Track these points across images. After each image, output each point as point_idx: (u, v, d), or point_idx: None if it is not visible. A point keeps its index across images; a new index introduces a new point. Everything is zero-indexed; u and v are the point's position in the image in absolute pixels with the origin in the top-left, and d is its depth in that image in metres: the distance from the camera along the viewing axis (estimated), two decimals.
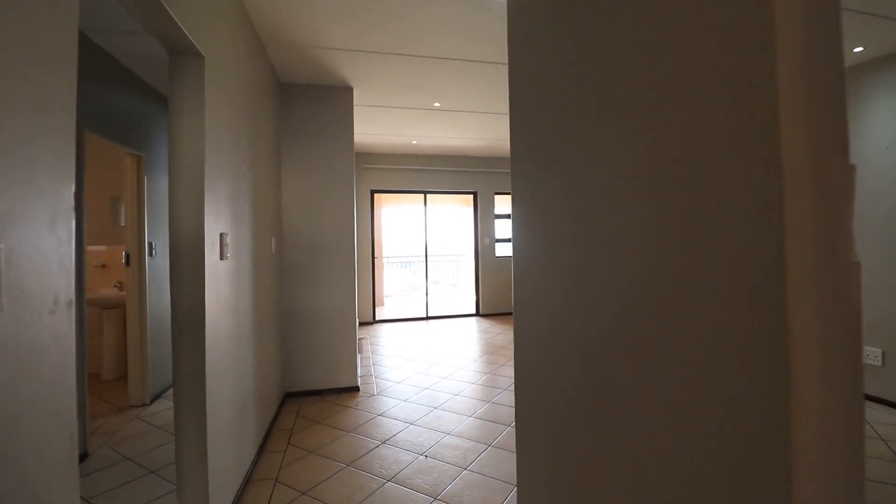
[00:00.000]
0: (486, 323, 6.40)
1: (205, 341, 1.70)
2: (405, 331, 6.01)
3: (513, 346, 4.64)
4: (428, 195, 6.85)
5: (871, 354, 3.30)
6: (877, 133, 3.26)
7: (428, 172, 6.69)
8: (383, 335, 5.76)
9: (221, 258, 1.91)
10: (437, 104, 4.18)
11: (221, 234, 1.91)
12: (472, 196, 7.06)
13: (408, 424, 2.92)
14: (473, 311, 7.04)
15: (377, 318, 6.72)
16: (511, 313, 6.30)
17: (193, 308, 1.69)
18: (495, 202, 7.02)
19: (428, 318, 6.84)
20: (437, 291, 9.89)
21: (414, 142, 5.81)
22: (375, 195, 7.61)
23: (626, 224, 0.70)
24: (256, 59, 2.65)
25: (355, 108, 4.15)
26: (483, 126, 5.05)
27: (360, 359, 4.29)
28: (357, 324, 4.22)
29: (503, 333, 5.65)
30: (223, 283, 1.94)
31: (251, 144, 2.49)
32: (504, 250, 7.30)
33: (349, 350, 3.60)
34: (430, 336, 5.64)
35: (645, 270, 0.67)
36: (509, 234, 7.40)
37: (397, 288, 9.96)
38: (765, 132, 0.48)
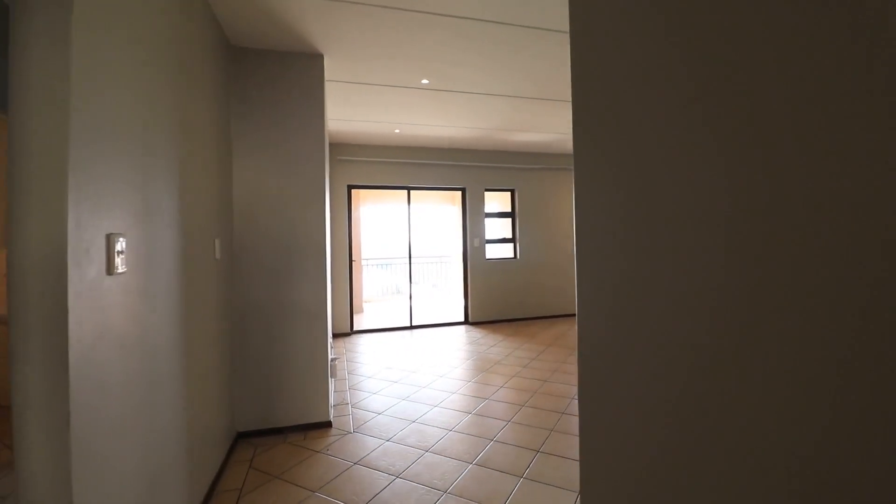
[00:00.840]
0: (476, 332, 5.80)
1: (68, 404, 1.04)
2: (387, 343, 5.36)
3: (508, 362, 4.00)
4: (412, 192, 6.22)
5: None
6: None
7: (412, 166, 6.06)
8: (362, 349, 5.10)
9: (109, 272, 1.25)
10: (424, 81, 3.56)
11: (109, 236, 1.25)
12: (459, 193, 6.46)
13: (394, 477, 2.29)
14: (462, 319, 6.44)
15: (355, 328, 6.04)
16: (505, 321, 5.63)
17: (46, 355, 1.04)
18: (485, 199, 6.43)
19: (412, 327, 6.20)
20: (420, 293, 9.26)
21: (397, 130, 5.17)
22: (353, 191, 6.95)
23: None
24: (187, 4, 1.98)
25: (327, 85, 3.50)
26: (476, 112, 4.46)
27: (334, 384, 3.64)
28: (330, 340, 3.56)
29: (497, 346, 5.07)
30: (115, 309, 1.28)
31: (179, 116, 1.82)
32: (496, 252, 6.74)
33: (319, 375, 2.94)
34: (415, 350, 5.01)
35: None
36: (502, 234, 6.86)
37: (378, 291, 9.29)
38: None
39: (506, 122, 4.89)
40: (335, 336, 5.71)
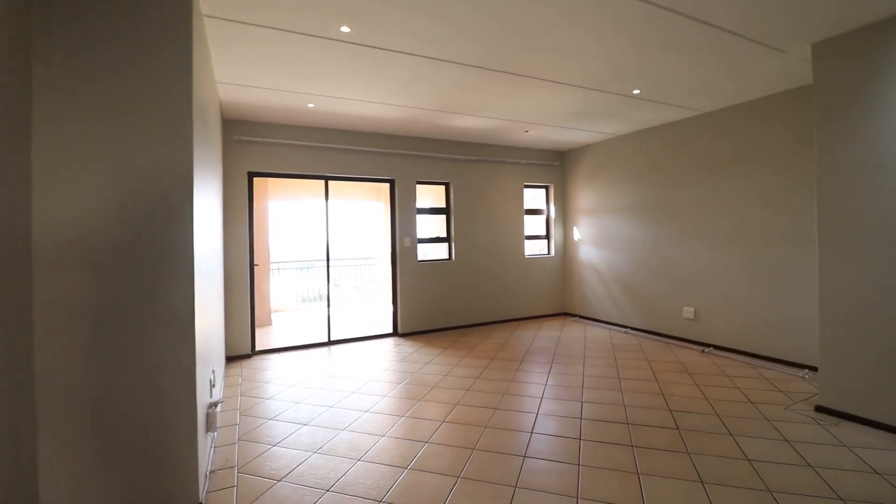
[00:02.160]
0: (407, 346, 5.01)
1: None
2: (298, 366, 4.37)
3: (447, 384, 3.55)
4: (331, 182, 5.27)
5: None
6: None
7: (330, 152, 5.12)
8: (265, 377, 4.07)
9: None
10: (345, 28, 2.71)
11: None
12: (387, 185, 5.63)
13: None
14: (390, 330, 5.60)
15: (258, 347, 4.94)
16: (440, 330, 4.88)
17: None
18: (417, 193, 5.67)
19: (331, 342, 5.24)
20: (343, 300, 8.24)
21: (310, 105, 4.23)
22: (260, 181, 5.82)
23: None
24: None
25: (206, 25, 2.51)
26: (409, 85, 3.68)
27: (213, 440, 2.64)
28: (216, 375, 2.56)
29: (432, 363, 4.32)
30: None
31: None
32: (429, 253, 6.00)
33: (182, 433, 1.97)
34: (333, 374, 4.10)
35: None
36: (436, 233, 6.15)
37: (295, 299, 8.10)
38: None
39: (443, 100, 4.17)
40: (231, 360, 4.59)
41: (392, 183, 5.54)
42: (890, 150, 2.67)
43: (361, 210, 8.65)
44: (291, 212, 8.24)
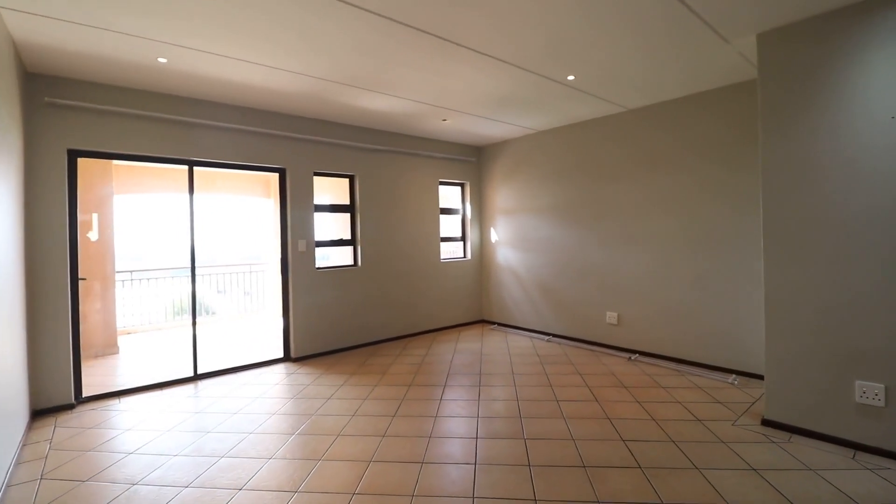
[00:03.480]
0: (303, 375, 4.05)
1: None
2: (146, 415, 3.19)
3: (354, 431, 2.82)
4: (201, 171, 4.08)
5: (869, 391, 2.43)
6: (876, 100, 2.41)
7: (197, 130, 3.95)
8: (90, 438, 2.84)
9: None
10: None
11: None
12: (276, 176, 4.58)
13: None
14: (281, 355, 4.56)
15: (86, 391, 3.59)
16: (344, 350, 3.98)
17: None
18: (315, 187, 4.72)
19: (198, 376, 4.05)
20: (218, 316, 6.83)
21: (162, 59, 3.09)
22: (87, 163, 4.39)
23: None
24: None
25: None
26: (300, 40, 2.79)
27: None
28: None
29: (334, 399, 3.45)
30: None
31: None
32: (332, 258, 5.06)
33: None
34: (194, 428, 3.01)
35: None
36: (338, 235, 5.11)
37: (158, 316, 6.50)
38: None
39: (346, 69, 3.33)
40: (40, 415, 3.22)
41: (282, 173, 4.52)
42: (836, 148, 2.51)
43: (246, 207, 7.32)
44: (151, 208, 6.64)
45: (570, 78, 3.55)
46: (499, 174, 5.96)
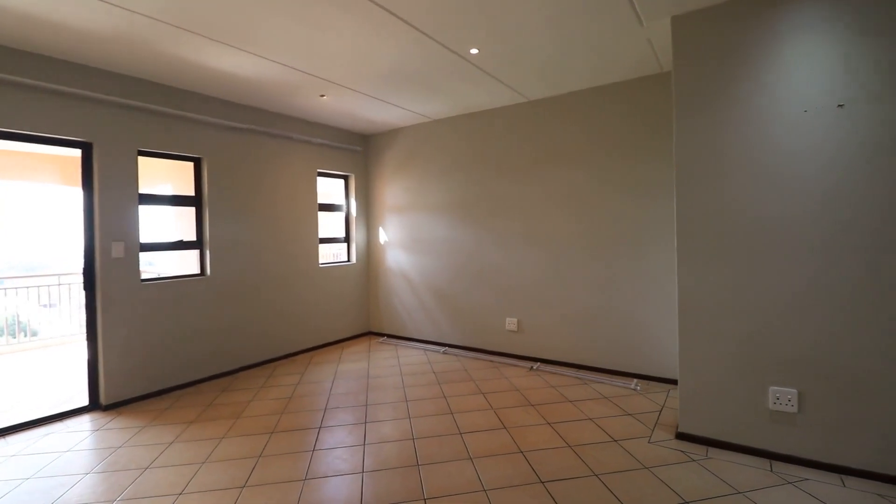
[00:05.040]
0: (116, 430, 2.88)
1: None
2: None
3: None
4: None
5: (783, 397, 2.31)
6: (789, 92, 2.29)
7: None
8: None
9: None
10: None
11: None
12: (79, 154, 3.29)
13: None
14: (86, 403, 3.27)
15: None
16: (180, 388, 2.92)
17: None
18: (140, 171, 3.51)
19: None
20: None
21: None
22: None
23: None
24: None
25: None
26: None
27: None
28: None
29: (159, 465, 2.43)
30: None
31: None
32: (167, 265, 3.87)
33: None
34: None
35: None
36: (176, 236, 3.38)
37: None
38: None
39: (183, 3, 2.35)
40: None
41: (87, 150, 3.26)
42: (751, 142, 2.36)
43: (41, 197, 5.52)
44: None
45: (474, 52, 3.04)
46: (389, 167, 5.28)
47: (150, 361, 3.48)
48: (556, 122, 4.02)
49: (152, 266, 4.76)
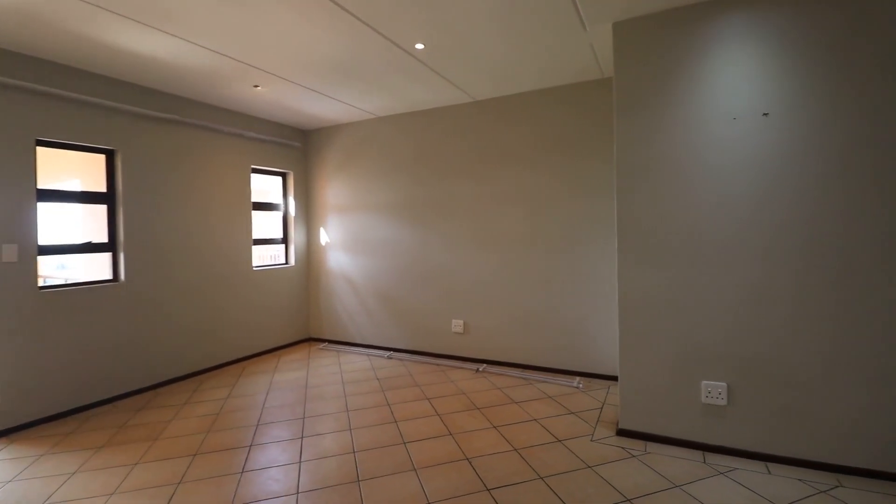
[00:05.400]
0: (7, 461, 2.48)
1: None
2: None
3: None
4: None
5: (714, 391, 2.41)
6: (720, 99, 2.40)
7: None
8: None
9: None
10: None
11: None
12: None
13: None
14: None
15: None
16: (102, 402, 2.61)
17: None
18: (38, 162, 3.07)
19: None
20: None
21: None
22: None
23: None
24: None
25: None
26: None
27: None
28: None
29: (59, 499, 2.11)
30: None
31: None
32: (73, 271, 3.44)
33: None
34: None
35: None
36: (91, 237, 2.58)
37: None
38: None
39: None
40: None
41: None
42: (689, 148, 2.46)
43: None
44: None
45: (419, 47, 2.95)
46: (331, 164, 5.06)
47: (51, 379, 3.05)
48: (502, 123, 4.02)
49: (64, 270, 4.22)
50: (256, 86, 3.67)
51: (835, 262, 2.16)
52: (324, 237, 5.11)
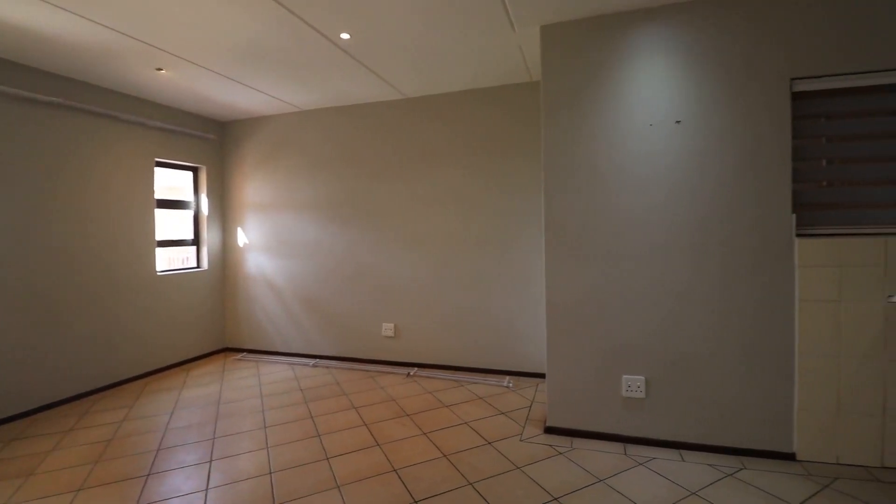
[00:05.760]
0: None
1: None
2: None
3: None
4: None
5: (633, 384, 2.52)
6: (638, 106, 2.51)
7: None
8: None
9: None
10: None
11: None
12: None
13: None
14: None
15: None
16: None
17: None
18: None
19: None
20: None
21: None
22: None
23: None
24: None
25: None
26: None
27: None
28: None
29: None
30: None
31: None
32: None
33: None
34: None
35: None
36: None
37: None
38: None
39: None
40: None
41: None
42: (610, 151, 2.55)
43: None
44: None
45: (345, 37, 2.79)
46: (251, 159, 4.69)
47: None
48: (432, 122, 3.97)
49: None
50: (160, 69, 3.29)
51: (720, 260, 2.34)
52: (242, 238, 4.73)
